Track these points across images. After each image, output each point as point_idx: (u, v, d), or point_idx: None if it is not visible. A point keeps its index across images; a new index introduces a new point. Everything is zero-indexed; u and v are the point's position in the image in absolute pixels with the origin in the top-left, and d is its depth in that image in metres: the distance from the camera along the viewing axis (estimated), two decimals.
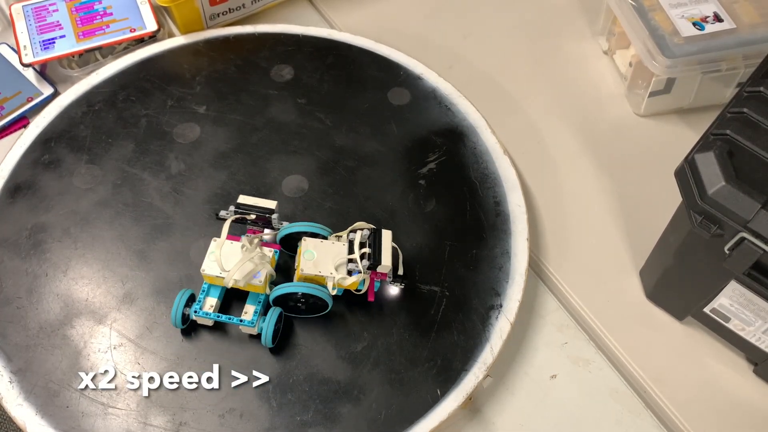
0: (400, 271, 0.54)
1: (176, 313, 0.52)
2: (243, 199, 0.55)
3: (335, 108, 0.67)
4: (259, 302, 0.54)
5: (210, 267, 0.52)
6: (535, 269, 0.61)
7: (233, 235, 0.54)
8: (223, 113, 0.67)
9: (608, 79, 0.73)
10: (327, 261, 0.53)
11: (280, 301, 0.53)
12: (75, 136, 0.65)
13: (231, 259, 0.52)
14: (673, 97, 0.68)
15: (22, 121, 0.69)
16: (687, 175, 0.47)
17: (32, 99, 0.69)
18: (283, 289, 0.52)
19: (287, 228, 0.55)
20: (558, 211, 0.64)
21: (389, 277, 0.53)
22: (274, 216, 0.55)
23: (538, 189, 0.65)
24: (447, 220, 0.60)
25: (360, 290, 0.54)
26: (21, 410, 0.50)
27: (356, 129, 0.66)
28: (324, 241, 0.54)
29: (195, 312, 0.53)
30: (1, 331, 0.54)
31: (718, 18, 0.64)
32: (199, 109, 0.67)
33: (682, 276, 0.53)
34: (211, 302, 0.54)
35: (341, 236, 0.55)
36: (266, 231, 0.56)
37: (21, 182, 0.62)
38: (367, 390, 0.51)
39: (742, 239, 0.44)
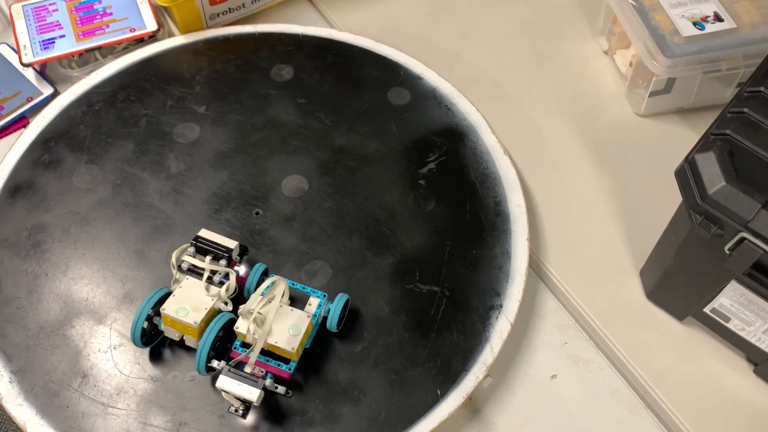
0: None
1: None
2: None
3: (335, 108, 0.67)
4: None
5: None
6: (535, 269, 0.61)
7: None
8: (223, 113, 0.67)
9: (608, 79, 0.73)
10: (198, 299, 0.51)
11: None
12: (75, 136, 0.65)
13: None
14: (673, 97, 0.68)
15: (22, 121, 0.69)
16: (687, 175, 0.47)
17: (32, 99, 0.69)
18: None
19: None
20: (558, 211, 0.64)
21: (237, 257, 0.53)
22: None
23: (538, 189, 0.65)
24: (447, 220, 0.60)
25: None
26: (21, 410, 0.50)
27: (356, 129, 0.66)
28: (175, 293, 0.51)
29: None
30: (1, 331, 0.54)
31: (718, 18, 0.64)
32: (198, 109, 0.67)
33: (682, 276, 0.53)
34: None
35: (177, 279, 0.52)
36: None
37: (21, 182, 0.62)
38: (367, 390, 0.51)
39: (743, 239, 0.44)
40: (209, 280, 0.52)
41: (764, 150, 0.45)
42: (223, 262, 0.52)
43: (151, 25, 0.72)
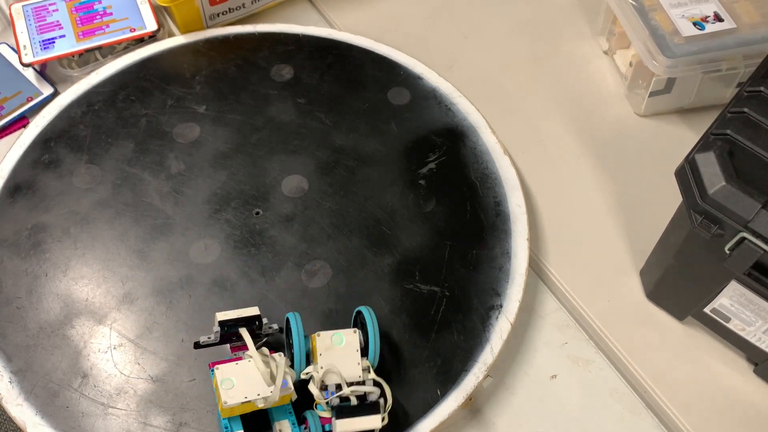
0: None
1: None
2: (223, 316, 0.49)
3: (335, 108, 0.67)
4: (290, 412, 0.48)
5: (232, 396, 0.45)
6: (535, 269, 0.61)
7: (221, 359, 0.49)
8: (223, 113, 0.67)
9: (608, 79, 0.73)
10: (334, 360, 0.48)
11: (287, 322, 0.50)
12: (75, 136, 0.65)
13: (249, 380, 0.46)
14: (673, 97, 0.68)
15: (21, 121, 0.69)
16: (687, 175, 0.47)
17: (32, 99, 0.69)
18: (294, 320, 0.48)
19: (365, 310, 0.50)
20: (558, 211, 0.64)
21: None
22: (264, 321, 0.50)
23: (538, 189, 0.65)
24: (447, 220, 0.60)
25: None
26: (21, 410, 0.50)
27: (356, 129, 0.66)
28: (358, 353, 0.48)
29: None
30: (1, 331, 0.54)
31: (718, 18, 0.64)
32: (199, 108, 0.67)
33: (682, 276, 0.53)
34: None
35: (369, 372, 0.49)
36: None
37: (21, 182, 0.62)
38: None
39: (743, 239, 0.44)
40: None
41: (764, 150, 0.45)
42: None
43: (151, 25, 0.72)
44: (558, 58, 0.75)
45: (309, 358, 0.49)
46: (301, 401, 0.49)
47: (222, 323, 0.48)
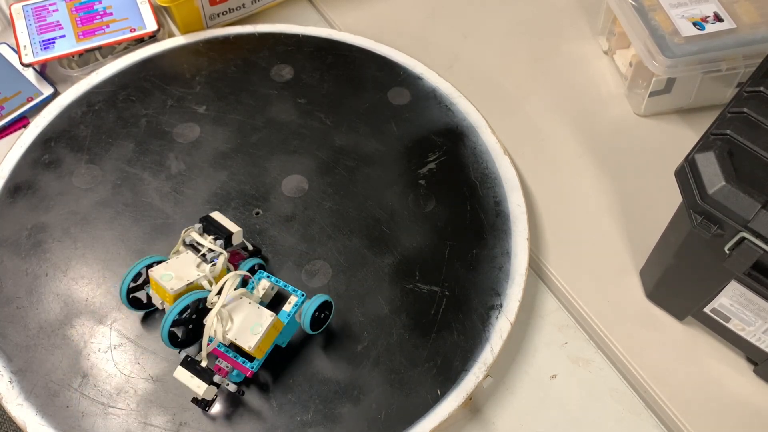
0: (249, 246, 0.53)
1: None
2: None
3: (335, 108, 0.67)
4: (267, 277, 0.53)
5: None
6: (535, 269, 0.61)
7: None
8: (223, 113, 0.67)
9: (608, 79, 0.73)
10: (186, 271, 0.51)
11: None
12: (75, 136, 0.65)
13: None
14: (673, 97, 0.68)
15: (22, 121, 0.69)
16: (687, 174, 0.47)
17: (32, 99, 0.69)
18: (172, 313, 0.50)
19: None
20: (558, 211, 0.64)
21: (245, 252, 0.52)
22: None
23: (538, 189, 0.65)
24: (447, 220, 0.60)
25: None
26: (21, 410, 0.50)
27: (356, 129, 0.66)
28: (169, 261, 0.52)
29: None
30: (1, 331, 0.54)
31: (718, 18, 0.64)
32: (199, 109, 0.67)
33: (682, 276, 0.53)
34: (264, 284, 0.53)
35: (178, 250, 0.53)
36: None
37: (21, 182, 0.62)
38: (367, 390, 0.51)
39: (743, 239, 0.44)
40: (203, 257, 0.52)
41: (764, 150, 0.45)
42: (220, 242, 0.52)
43: (151, 25, 0.72)
44: (558, 58, 0.75)
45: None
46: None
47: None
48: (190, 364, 0.49)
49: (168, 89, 0.68)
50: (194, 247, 0.53)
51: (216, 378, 0.49)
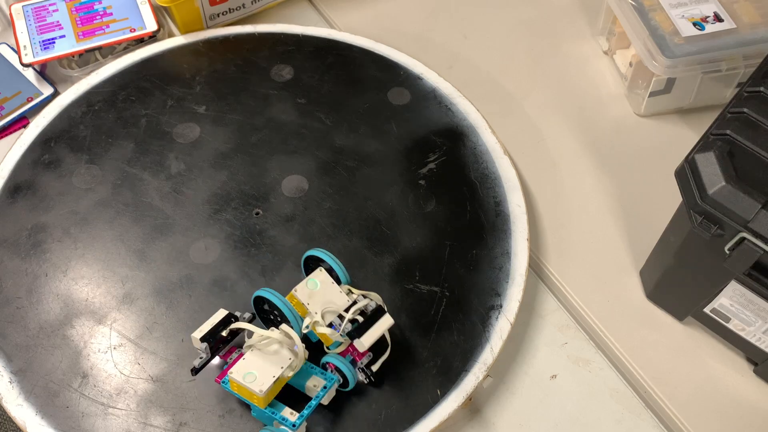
0: (375, 367, 0.50)
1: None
2: (198, 333, 0.50)
3: (335, 108, 0.67)
4: (311, 368, 0.50)
5: (262, 383, 0.47)
6: (535, 269, 0.61)
7: (220, 373, 0.50)
8: (223, 113, 0.67)
9: (608, 79, 0.73)
10: (321, 300, 0.51)
11: (260, 300, 0.52)
12: (75, 136, 0.65)
13: (265, 363, 0.48)
14: (673, 97, 0.68)
15: (22, 121, 0.69)
16: (687, 175, 0.47)
17: (32, 99, 0.69)
18: (269, 293, 0.50)
19: (316, 251, 0.53)
20: (558, 211, 0.64)
21: (361, 363, 0.50)
22: (237, 314, 0.52)
23: (538, 189, 0.65)
24: (447, 220, 0.60)
25: (331, 350, 0.51)
26: (21, 410, 0.50)
27: (356, 129, 0.66)
28: (335, 284, 0.51)
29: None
30: (1, 331, 0.54)
31: (718, 18, 0.64)
32: (199, 109, 0.67)
33: (682, 276, 0.53)
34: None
35: (352, 292, 0.52)
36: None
37: (21, 182, 0.62)
38: (367, 390, 0.51)
39: (743, 239, 0.44)
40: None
41: (764, 150, 0.45)
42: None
43: (151, 25, 0.72)
44: (558, 58, 0.75)
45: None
46: (311, 357, 0.51)
47: (203, 338, 0.49)
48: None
49: (168, 89, 0.68)
50: (351, 305, 0.50)
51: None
